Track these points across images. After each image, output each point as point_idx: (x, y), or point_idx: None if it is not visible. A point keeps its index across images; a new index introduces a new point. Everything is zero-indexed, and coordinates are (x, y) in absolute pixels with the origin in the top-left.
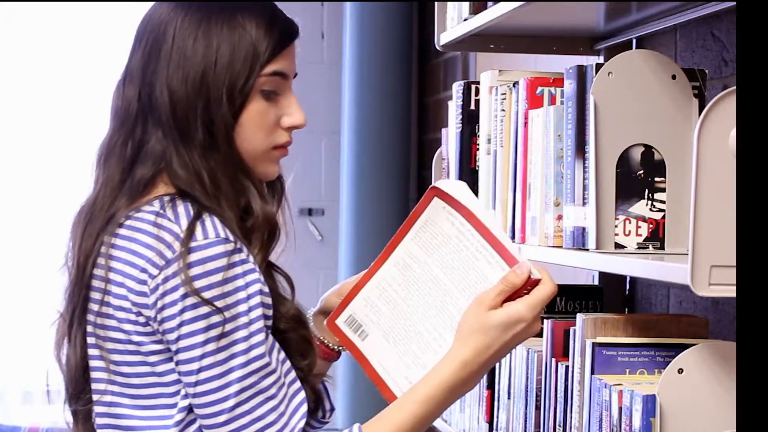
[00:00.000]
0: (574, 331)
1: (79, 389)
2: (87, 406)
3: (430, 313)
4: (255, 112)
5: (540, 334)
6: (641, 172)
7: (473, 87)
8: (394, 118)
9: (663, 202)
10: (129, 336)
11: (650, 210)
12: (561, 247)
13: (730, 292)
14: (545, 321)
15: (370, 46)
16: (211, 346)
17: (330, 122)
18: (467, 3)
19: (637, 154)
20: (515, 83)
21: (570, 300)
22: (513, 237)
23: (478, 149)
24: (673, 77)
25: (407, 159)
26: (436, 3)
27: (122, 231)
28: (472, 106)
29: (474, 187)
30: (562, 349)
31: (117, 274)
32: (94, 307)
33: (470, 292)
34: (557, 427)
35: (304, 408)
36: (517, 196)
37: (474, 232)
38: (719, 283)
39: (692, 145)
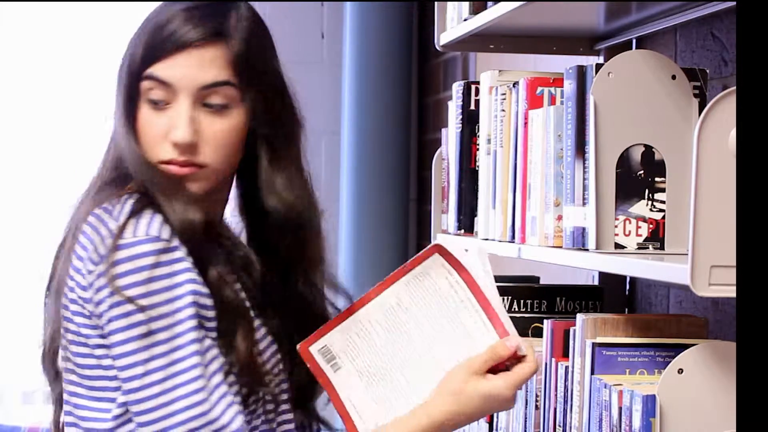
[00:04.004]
0: (574, 331)
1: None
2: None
3: (408, 363)
4: (141, 119)
5: (540, 335)
6: (641, 172)
7: (473, 87)
8: (394, 118)
9: (663, 202)
10: (79, 328)
11: (650, 210)
12: (561, 247)
13: (730, 292)
14: (545, 321)
15: (370, 46)
16: (131, 345)
17: (330, 122)
18: (467, 3)
19: (637, 154)
20: (515, 83)
21: (570, 300)
22: (513, 237)
23: (478, 149)
24: (673, 77)
25: (407, 159)
26: (436, 3)
27: (83, 226)
28: (472, 106)
29: (474, 187)
30: (562, 349)
31: (71, 267)
32: (62, 300)
33: (452, 349)
34: (557, 427)
35: (240, 421)
36: (517, 196)
37: (469, 294)
38: (719, 283)
39: (692, 145)
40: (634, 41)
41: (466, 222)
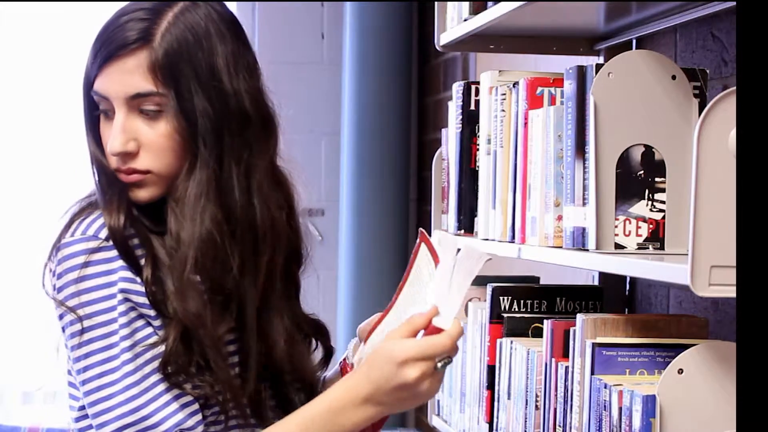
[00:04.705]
0: (574, 331)
1: None
2: None
3: None
4: (101, 130)
5: (540, 335)
6: (641, 172)
7: (473, 87)
8: (394, 118)
9: (663, 202)
10: (58, 321)
11: (650, 210)
12: (561, 247)
13: (730, 292)
14: (545, 321)
15: (370, 46)
16: (71, 342)
17: (330, 122)
18: (467, 3)
19: (637, 154)
20: (515, 83)
21: (570, 300)
22: (513, 237)
23: (478, 149)
24: (673, 77)
25: (407, 159)
26: (436, 3)
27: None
28: (472, 107)
29: (474, 187)
30: (562, 350)
31: None
32: None
33: None
34: (557, 427)
35: (174, 420)
36: (517, 197)
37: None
38: (719, 283)
39: (692, 145)
40: (634, 41)
41: (466, 222)
